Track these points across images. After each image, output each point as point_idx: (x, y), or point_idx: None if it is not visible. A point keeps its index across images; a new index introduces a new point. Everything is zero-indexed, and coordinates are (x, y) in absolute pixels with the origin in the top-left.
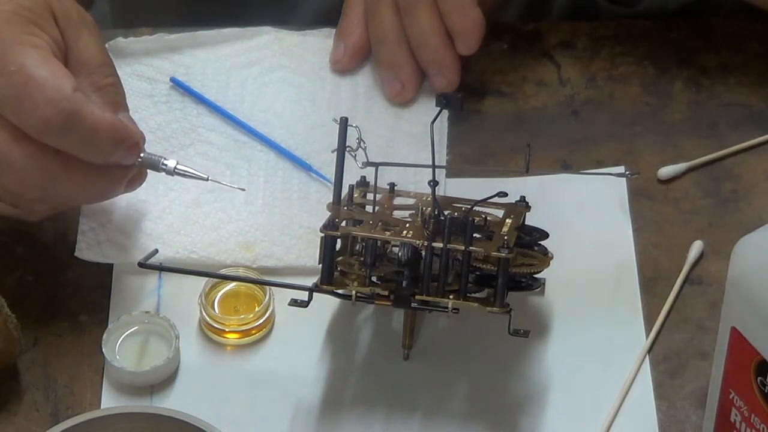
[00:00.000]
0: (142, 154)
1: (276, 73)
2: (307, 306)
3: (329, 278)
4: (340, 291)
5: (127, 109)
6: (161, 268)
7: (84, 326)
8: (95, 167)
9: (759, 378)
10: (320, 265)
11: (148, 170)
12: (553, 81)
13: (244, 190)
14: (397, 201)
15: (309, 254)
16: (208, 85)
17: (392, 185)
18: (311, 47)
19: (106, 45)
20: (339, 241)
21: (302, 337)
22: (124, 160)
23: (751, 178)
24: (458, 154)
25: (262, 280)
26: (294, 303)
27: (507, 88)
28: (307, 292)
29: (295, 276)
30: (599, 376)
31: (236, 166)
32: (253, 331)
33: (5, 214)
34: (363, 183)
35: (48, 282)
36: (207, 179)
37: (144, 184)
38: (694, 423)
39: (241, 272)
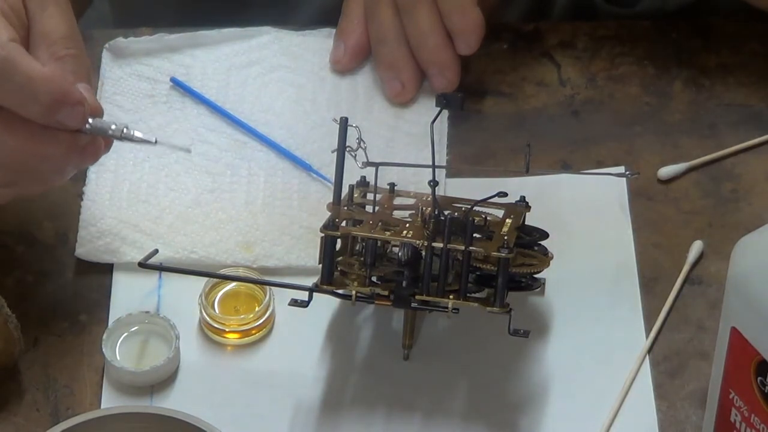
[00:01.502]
0: (91, 120)
1: (276, 73)
2: (307, 306)
3: (329, 278)
4: (340, 291)
5: (88, 82)
6: (161, 268)
7: (84, 326)
8: (39, 128)
9: (759, 378)
10: (320, 265)
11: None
12: (553, 81)
13: (189, 151)
14: (397, 201)
15: (309, 254)
16: (208, 85)
17: (392, 185)
18: (311, 47)
19: (106, 45)
20: (339, 241)
21: (302, 337)
22: (68, 121)
23: (751, 178)
24: (458, 154)
25: (262, 280)
26: (294, 303)
27: (507, 88)
28: (307, 292)
29: (295, 276)
30: (599, 376)
31: (236, 166)
32: (253, 331)
33: None
34: (363, 183)
35: (48, 282)
36: (155, 142)
37: (144, 184)
38: (694, 423)
39: (241, 272)
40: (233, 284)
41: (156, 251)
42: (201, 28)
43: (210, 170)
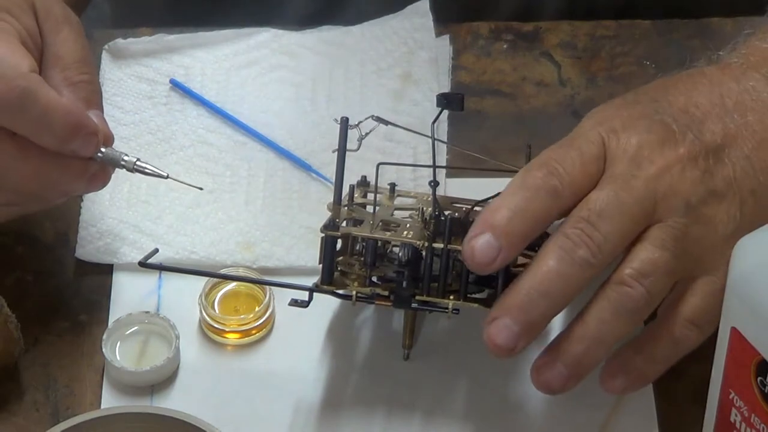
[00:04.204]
0: (103, 149)
1: (275, 73)
2: (307, 306)
3: (329, 278)
4: (340, 291)
5: (99, 108)
6: (161, 268)
7: (84, 326)
8: (52, 156)
9: (759, 378)
10: (320, 265)
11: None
12: (553, 81)
13: (201, 189)
14: (398, 201)
15: (309, 254)
16: (208, 86)
17: (393, 185)
18: (310, 46)
19: (105, 46)
20: (339, 241)
21: (302, 337)
22: (81, 150)
23: None
24: (458, 154)
25: (262, 280)
26: (294, 303)
27: (507, 88)
28: (307, 292)
29: (295, 276)
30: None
31: (236, 167)
32: (253, 331)
33: None
34: (363, 183)
35: (48, 282)
36: (166, 176)
37: (144, 184)
38: (694, 423)
39: (241, 272)
40: (233, 284)
41: (156, 250)
42: (200, 28)
43: (210, 171)
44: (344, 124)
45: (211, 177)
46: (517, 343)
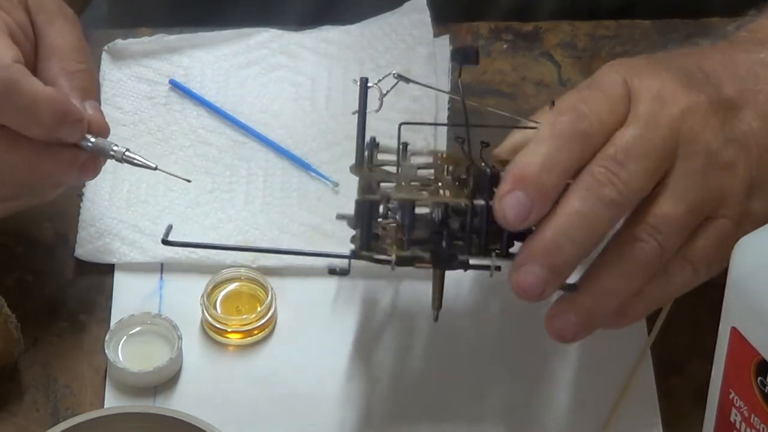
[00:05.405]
0: (93, 139)
1: (275, 73)
2: (347, 274)
3: (368, 244)
4: (380, 256)
5: (96, 98)
6: (185, 244)
7: (84, 326)
8: (41, 146)
9: (759, 378)
10: (357, 231)
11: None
12: (553, 81)
13: (189, 181)
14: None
15: None
16: (208, 86)
17: (405, 144)
18: (309, 46)
19: (105, 47)
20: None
21: (304, 336)
22: (67, 137)
23: None
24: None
25: (291, 250)
26: (333, 272)
27: (507, 88)
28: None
29: (295, 276)
30: (600, 375)
31: (235, 167)
32: (255, 332)
33: None
34: (373, 143)
35: (48, 282)
36: (155, 168)
37: (144, 184)
38: (694, 423)
39: (242, 271)
40: (235, 284)
41: (171, 226)
42: (200, 28)
43: (209, 170)
44: (364, 85)
45: (210, 177)
46: (545, 288)
